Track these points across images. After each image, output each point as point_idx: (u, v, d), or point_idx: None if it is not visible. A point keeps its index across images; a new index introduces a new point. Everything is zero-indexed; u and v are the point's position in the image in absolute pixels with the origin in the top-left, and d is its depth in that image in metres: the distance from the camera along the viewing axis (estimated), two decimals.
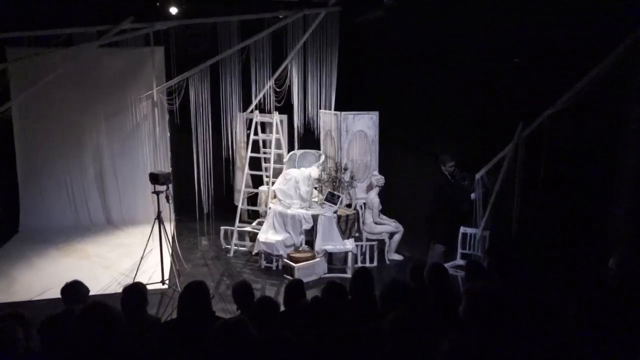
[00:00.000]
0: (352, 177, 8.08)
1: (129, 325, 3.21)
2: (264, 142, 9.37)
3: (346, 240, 7.74)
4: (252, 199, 9.55)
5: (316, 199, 8.32)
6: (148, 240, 7.06)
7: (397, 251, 8.20)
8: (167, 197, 6.83)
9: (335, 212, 7.87)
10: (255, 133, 8.89)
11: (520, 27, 6.17)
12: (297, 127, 9.12)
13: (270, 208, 8.16)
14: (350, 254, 7.54)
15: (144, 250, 7.07)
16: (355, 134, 8.18)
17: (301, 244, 7.77)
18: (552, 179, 5.74)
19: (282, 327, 3.54)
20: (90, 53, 8.43)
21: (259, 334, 3.11)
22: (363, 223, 8.14)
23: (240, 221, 8.70)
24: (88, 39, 8.32)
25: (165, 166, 9.45)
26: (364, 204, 8.24)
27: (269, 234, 7.83)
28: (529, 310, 3.48)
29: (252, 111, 9.14)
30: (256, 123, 8.86)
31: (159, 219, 6.84)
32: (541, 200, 5.84)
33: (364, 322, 3.52)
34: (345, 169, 8.10)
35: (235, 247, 8.35)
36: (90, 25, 8.16)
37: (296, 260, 7.38)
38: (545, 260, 5.56)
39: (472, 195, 7.08)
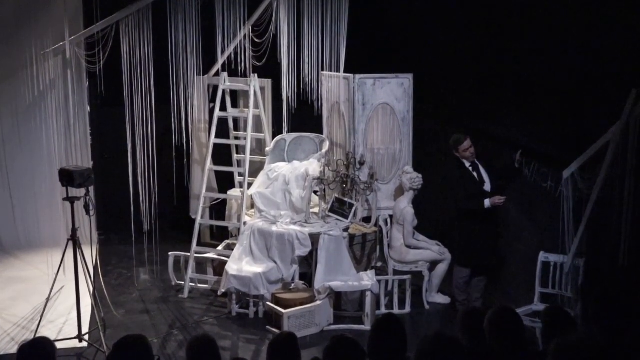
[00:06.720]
0: (372, 176, 8.09)
1: None
2: (236, 121, 9.36)
3: (363, 274, 7.76)
4: (219, 210, 9.56)
5: (316, 210, 8.36)
6: (57, 274, 7.05)
7: (442, 290, 8.24)
8: (86, 207, 6.82)
9: (346, 229, 7.89)
10: (223, 107, 8.90)
11: None
12: (288, 98, 9.11)
13: (245, 223, 8.20)
14: (369, 295, 7.55)
15: (51, 289, 7.06)
16: (378, 108, 8.21)
17: (293, 279, 7.79)
18: None
19: None
20: None
21: None
22: (389, 247, 8.16)
23: (200, 244, 8.72)
24: None
25: (83, 159, 9.45)
26: (391, 216, 8.26)
27: (243, 264, 7.85)
28: None
29: (217, 74, 9.16)
30: (224, 92, 8.87)
31: (74, 240, 6.84)
32: None
33: None
34: (362, 164, 8.12)
35: (192, 284, 8.37)
36: None
37: (286, 304, 7.39)
38: None
39: (486, 203, 7.24)
